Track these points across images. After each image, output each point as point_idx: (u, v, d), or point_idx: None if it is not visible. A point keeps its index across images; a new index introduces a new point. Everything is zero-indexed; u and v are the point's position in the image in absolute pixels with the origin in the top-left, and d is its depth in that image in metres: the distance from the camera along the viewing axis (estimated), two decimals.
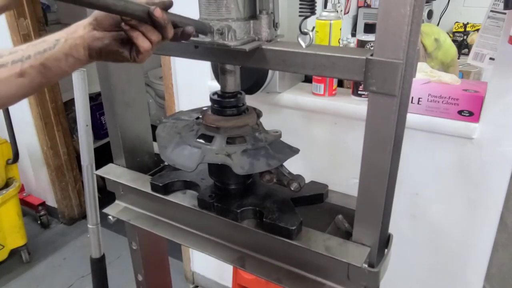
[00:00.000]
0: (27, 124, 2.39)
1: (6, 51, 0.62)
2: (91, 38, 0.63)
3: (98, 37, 0.63)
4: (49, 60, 0.62)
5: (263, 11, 0.73)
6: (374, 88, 0.63)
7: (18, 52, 0.61)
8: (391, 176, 0.70)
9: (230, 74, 0.83)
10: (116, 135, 1.05)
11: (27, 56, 0.61)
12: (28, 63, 0.61)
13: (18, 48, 0.62)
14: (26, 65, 0.61)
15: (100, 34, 0.63)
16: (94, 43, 0.63)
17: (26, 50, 0.61)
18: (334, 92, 1.29)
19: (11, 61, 0.61)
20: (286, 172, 0.85)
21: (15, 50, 0.62)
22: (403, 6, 0.57)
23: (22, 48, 0.62)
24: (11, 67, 0.61)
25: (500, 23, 1.02)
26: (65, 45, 0.62)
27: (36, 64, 0.61)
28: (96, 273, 1.60)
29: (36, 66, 0.61)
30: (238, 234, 0.87)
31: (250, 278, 1.47)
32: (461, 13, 2.50)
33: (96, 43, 0.63)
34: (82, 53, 0.63)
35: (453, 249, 1.26)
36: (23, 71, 0.61)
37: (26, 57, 0.61)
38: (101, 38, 0.63)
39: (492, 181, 1.12)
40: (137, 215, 1.03)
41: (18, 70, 0.61)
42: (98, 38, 0.63)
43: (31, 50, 0.62)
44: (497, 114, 1.05)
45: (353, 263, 0.73)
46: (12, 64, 0.61)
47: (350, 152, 1.29)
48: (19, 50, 0.62)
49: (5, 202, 2.12)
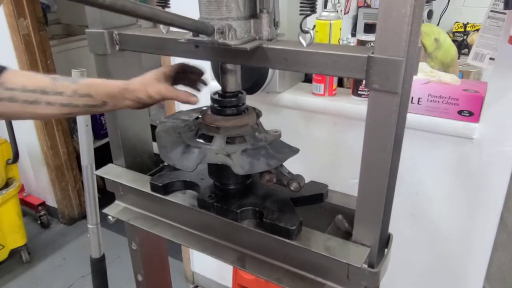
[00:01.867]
0: (27, 124, 2.39)
1: (49, 85, 0.72)
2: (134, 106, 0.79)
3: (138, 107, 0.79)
4: (96, 112, 0.78)
5: (264, 10, 0.73)
6: (376, 85, 0.63)
7: (64, 96, 0.73)
8: (391, 176, 0.70)
9: (231, 73, 0.83)
10: (116, 135, 1.05)
11: (75, 104, 0.74)
12: (76, 110, 0.75)
13: (62, 88, 0.73)
14: (74, 110, 0.74)
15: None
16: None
17: (73, 98, 0.73)
18: (334, 92, 1.29)
19: (59, 103, 0.73)
20: (286, 172, 0.85)
21: (61, 90, 0.72)
22: (404, 6, 0.57)
23: (68, 92, 0.73)
24: (59, 108, 0.73)
25: (500, 23, 1.02)
26: (112, 107, 0.77)
27: (85, 112, 0.76)
28: (96, 273, 1.60)
29: (85, 112, 0.77)
30: (238, 234, 0.87)
31: (250, 278, 1.47)
32: (461, 13, 2.50)
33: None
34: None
35: (453, 249, 1.25)
36: (71, 113, 0.75)
37: (75, 105, 0.74)
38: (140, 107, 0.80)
39: (492, 181, 1.12)
40: (136, 215, 1.03)
41: (68, 112, 0.74)
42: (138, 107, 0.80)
43: (79, 101, 0.74)
44: (497, 114, 1.05)
45: (353, 264, 0.73)
46: (60, 106, 0.73)
47: (350, 152, 1.29)
48: (64, 92, 0.72)
49: (5, 202, 2.12)
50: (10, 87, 0.70)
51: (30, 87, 0.71)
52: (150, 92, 0.76)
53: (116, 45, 0.94)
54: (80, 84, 0.75)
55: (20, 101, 0.71)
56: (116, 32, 0.92)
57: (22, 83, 0.71)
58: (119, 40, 0.93)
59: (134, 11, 0.56)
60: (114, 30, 0.92)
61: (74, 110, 0.75)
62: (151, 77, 0.77)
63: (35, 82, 0.72)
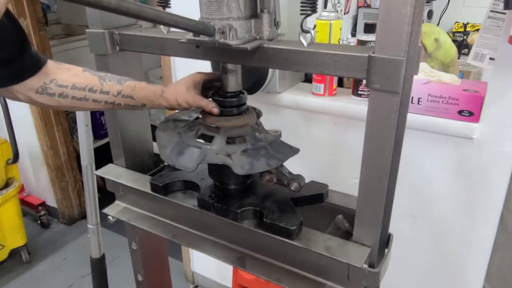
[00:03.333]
0: (27, 124, 2.39)
1: (97, 84, 0.80)
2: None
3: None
4: (135, 109, 0.86)
5: (264, 9, 0.73)
6: (377, 85, 0.63)
7: (110, 95, 0.80)
8: (391, 176, 0.70)
9: (232, 73, 0.83)
10: (116, 135, 1.05)
11: (118, 103, 0.82)
12: (118, 108, 0.83)
13: (108, 87, 0.80)
14: (117, 107, 0.83)
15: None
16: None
17: (117, 98, 0.81)
18: (334, 92, 1.29)
19: (104, 101, 0.81)
20: (286, 172, 0.85)
21: (107, 90, 0.80)
22: (404, 6, 0.57)
23: (113, 92, 0.81)
24: (104, 105, 0.81)
25: (500, 23, 1.02)
26: (149, 108, 0.85)
27: (125, 108, 0.84)
28: (96, 273, 1.60)
29: (125, 109, 0.85)
30: (238, 234, 0.87)
31: (250, 278, 1.47)
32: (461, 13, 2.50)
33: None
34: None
35: (453, 249, 1.26)
36: (114, 108, 0.83)
37: (117, 104, 0.82)
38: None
39: (492, 181, 1.12)
40: (137, 215, 1.03)
41: (110, 107, 0.82)
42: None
43: (122, 101, 0.82)
44: (497, 114, 1.05)
45: (353, 264, 0.73)
46: (105, 104, 0.81)
47: (350, 152, 1.29)
48: (110, 92, 0.80)
49: (5, 202, 2.12)
50: (62, 84, 0.78)
51: (79, 85, 0.79)
52: (179, 101, 0.81)
53: (117, 45, 0.94)
54: (124, 86, 0.82)
55: (70, 97, 0.79)
56: (116, 32, 0.92)
57: (73, 81, 0.79)
58: (119, 40, 0.93)
59: (138, 13, 0.56)
60: (115, 30, 0.92)
61: (116, 107, 0.83)
62: (182, 86, 0.82)
63: (84, 81, 0.80)
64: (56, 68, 0.78)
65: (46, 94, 0.78)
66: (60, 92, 0.78)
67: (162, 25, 0.79)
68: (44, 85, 0.77)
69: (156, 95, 0.82)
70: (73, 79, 0.79)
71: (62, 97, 0.79)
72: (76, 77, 0.79)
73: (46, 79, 0.77)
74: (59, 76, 0.78)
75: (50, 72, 0.77)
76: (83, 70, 0.81)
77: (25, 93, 0.77)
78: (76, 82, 0.79)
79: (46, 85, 0.77)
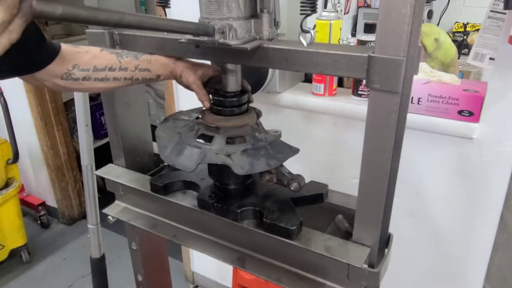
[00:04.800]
0: (27, 124, 2.39)
1: (115, 62, 0.83)
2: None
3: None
4: (150, 82, 0.94)
5: (264, 9, 0.73)
6: (377, 85, 0.63)
7: (128, 71, 0.84)
8: (391, 176, 0.70)
9: (231, 73, 0.83)
10: (116, 135, 1.05)
11: (136, 78, 0.86)
12: (136, 82, 0.87)
13: (126, 64, 0.84)
14: (135, 82, 0.87)
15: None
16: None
17: (135, 73, 0.85)
18: (334, 92, 1.29)
19: (123, 78, 0.84)
20: (286, 172, 0.85)
21: (125, 66, 0.84)
22: (404, 6, 0.57)
23: (131, 67, 0.84)
24: (123, 81, 0.85)
25: (500, 23, 1.02)
26: (163, 79, 0.89)
27: (142, 82, 0.89)
28: (96, 273, 1.60)
29: (142, 83, 0.89)
30: (238, 234, 0.87)
31: (250, 278, 1.47)
32: (461, 13, 2.50)
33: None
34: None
35: (453, 249, 1.25)
36: (132, 84, 0.87)
37: (135, 79, 0.86)
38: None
39: (492, 181, 1.12)
40: (137, 215, 1.03)
41: (129, 83, 0.86)
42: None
43: (139, 75, 0.85)
44: (497, 114, 1.05)
45: (353, 264, 0.73)
46: (124, 80, 0.85)
47: (350, 152, 1.29)
48: (128, 68, 0.84)
49: (5, 202, 2.12)
50: (84, 68, 0.81)
51: (100, 66, 0.82)
52: (182, 74, 0.85)
53: (117, 45, 0.94)
54: (140, 60, 0.85)
55: (93, 79, 0.82)
56: (116, 32, 0.92)
57: (94, 63, 0.81)
58: (119, 40, 0.93)
59: (138, 25, 0.58)
60: (114, 30, 0.93)
61: (134, 82, 0.86)
62: (193, 66, 0.86)
63: (104, 61, 0.83)
64: (75, 52, 0.81)
65: (71, 80, 0.80)
66: (84, 76, 0.81)
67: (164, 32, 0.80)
68: (68, 71, 0.79)
69: (169, 63, 0.86)
70: (93, 61, 0.81)
71: (85, 80, 0.82)
72: (96, 59, 0.82)
73: (69, 65, 0.79)
74: (80, 60, 0.81)
75: (71, 57, 0.80)
76: (100, 50, 0.84)
77: (50, 80, 0.79)
78: (97, 64, 0.82)
79: (69, 71, 0.79)
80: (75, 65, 0.80)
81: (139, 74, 0.85)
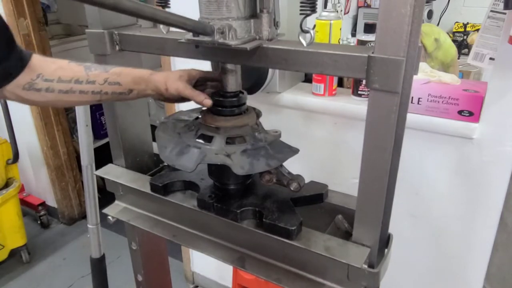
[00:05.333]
0: (27, 124, 2.39)
1: (83, 75, 0.78)
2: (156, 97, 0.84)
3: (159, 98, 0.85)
4: (122, 99, 0.83)
5: (264, 10, 0.73)
6: (376, 85, 0.63)
7: (96, 84, 0.78)
8: (391, 176, 0.70)
9: (231, 73, 0.83)
10: (115, 135, 1.05)
11: (105, 92, 0.79)
12: (106, 97, 0.80)
13: (94, 77, 0.78)
14: (104, 97, 0.80)
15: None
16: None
17: (104, 86, 0.79)
18: (334, 92, 1.29)
19: (91, 91, 0.79)
20: (286, 172, 0.85)
21: (93, 79, 0.78)
22: (404, 6, 0.57)
23: (99, 80, 0.78)
24: (91, 96, 0.79)
25: (500, 23, 1.01)
26: (137, 95, 0.82)
27: (112, 98, 0.82)
28: (96, 273, 1.60)
29: (112, 99, 0.82)
30: (238, 234, 0.87)
31: (250, 278, 1.47)
32: (461, 13, 2.50)
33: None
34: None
35: (453, 249, 1.25)
36: (101, 100, 0.81)
37: (104, 93, 0.79)
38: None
39: (492, 181, 1.12)
40: (136, 215, 1.03)
41: (98, 99, 0.80)
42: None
43: (109, 88, 0.79)
44: (497, 114, 1.05)
45: (353, 264, 0.73)
46: (92, 94, 0.79)
47: (350, 152, 1.29)
48: (96, 81, 0.78)
49: (5, 202, 2.12)
50: (48, 78, 0.76)
51: (65, 77, 0.77)
52: (168, 86, 0.80)
53: (116, 45, 0.94)
54: (110, 73, 0.80)
55: (56, 91, 0.77)
56: (116, 32, 0.92)
57: (59, 74, 0.77)
58: (119, 40, 0.93)
59: (135, 11, 0.56)
60: (114, 30, 0.92)
61: (103, 97, 0.80)
62: (175, 74, 0.81)
63: (70, 73, 0.78)
64: (41, 62, 0.77)
65: (33, 90, 0.75)
66: (47, 87, 0.76)
67: (160, 24, 0.79)
68: (31, 81, 0.75)
69: (144, 77, 0.81)
70: (58, 72, 0.77)
71: (48, 92, 0.76)
72: (62, 70, 0.77)
73: (33, 75, 0.75)
74: (45, 70, 0.76)
75: (37, 67, 0.76)
76: (68, 62, 0.79)
77: (12, 91, 0.75)
78: (62, 75, 0.77)
79: (32, 80, 0.75)
80: (39, 75, 0.75)
81: (109, 87, 0.79)
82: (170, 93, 0.80)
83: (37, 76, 0.75)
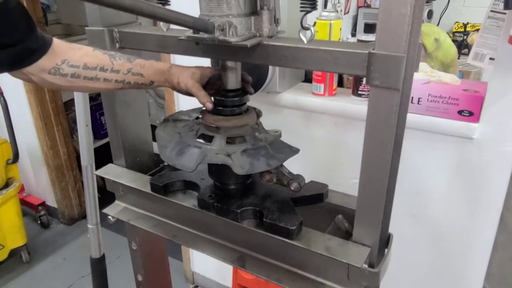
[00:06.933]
0: (27, 124, 2.39)
1: (108, 63, 0.81)
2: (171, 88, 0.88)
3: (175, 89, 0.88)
4: (141, 88, 0.89)
5: (264, 7, 0.73)
6: (377, 82, 0.62)
7: (120, 74, 0.82)
8: (391, 176, 0.70)
9: (231, 71, 0.83)
10: (116, 135, 1.05)
11: (128, 82, 0.83)
12: (128, 86, 0.84)
13: (118, 66, 0.81)
14: (126, 86, 0.84)
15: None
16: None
17: (127, 76, 0.83)
18: (334, 92, 1.29)
19: (115, 80, 0.82)
20: (286, 172, 0.84)
21: (117, 68, 0.81)
22: (404, 6, 0.57)
23: (123, 70, 0.82)
24: (114, 84, 0.82)
25: (500, 23, 1.01)
26: (157, 85, 0.86)
27: (133, 87, 0.85)
28: (96, 273, 1.60)
29: (133, 88, 0.85)
30: (238, 234, 0.87)
31: (250, 278, 1.47)
32: (461, 13, 2.50)
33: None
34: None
35: (453, 249, 1.25)
36: (123, 88, 0.84)
37: (127, 82, 0.83)
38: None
39: (492, 181, 1.12)
40: (137, 215, 1.03)
41: (120, 87, 0.84)
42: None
43: (132, 78, 0.83)
44: (497, 114, 1.05)
45: (353, 264, 0.72)
46: (115, 82, 0.82)
47: (350, 152, 1.29)
48: (120, 70, 0.82)
49: (5, 202, 2.12)
50: (74, 64, 0.78)
51: (91, 64, 0.79)
52: (180, 81, 0.83)
53: (116, 43, 0.94)
54: (134, 64, 0.82)
55: (82, 77, 0.79)
56: (116, 30, 0.92)
57: (85, 60, 0.79)
58: (119, 38, 0.93)
59: (135, 9, 0.56)
60: (114, 28, 0.92)
61: (126, 86, 0.84)
62: (189, 70, 0.84)
63: (96, 60, 0.80)
64: (67, 48, 0.79)
65: (59, 75, 0.78)
66: (73, 73, 0.78)
67: (160, 22, 0.79)
68: (56, 66, 0.77)
69: (164, 70, 0.84)
70: (84, 58, 0.79)
71: (74, 77, 0.79)
72: (88, 57, 0.80)
73: (58, 60, 0.77)
74: (71, 56, 0.78)
75: (62, 52, 0.78)
76: (93, 49, 0.82)
77: (38, 75, 0.77)
78: (88, 61, 0.79)
79: (58, 66, 0.77)
80: (65, 60, 0.77)
81: (132, 78, 0.83)
82: (180, 87, 0.84)
83: (62, 61, 0.77)
